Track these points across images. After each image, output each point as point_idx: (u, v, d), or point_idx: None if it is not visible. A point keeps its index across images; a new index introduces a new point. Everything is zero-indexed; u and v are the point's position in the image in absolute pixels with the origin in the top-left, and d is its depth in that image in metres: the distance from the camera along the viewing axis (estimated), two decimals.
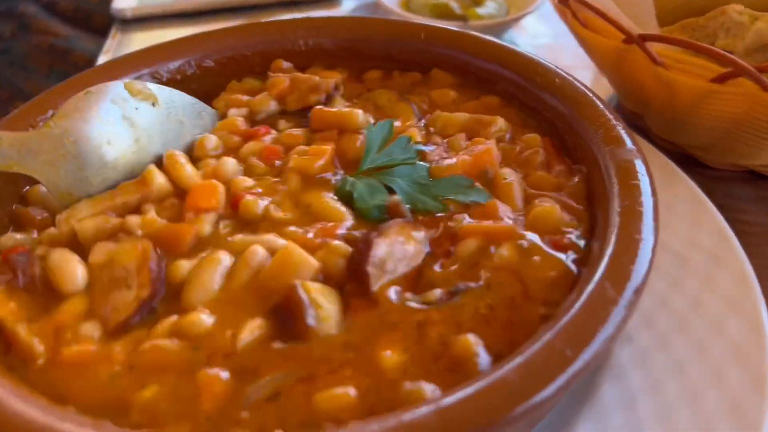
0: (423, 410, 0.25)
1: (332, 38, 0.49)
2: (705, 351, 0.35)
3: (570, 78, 0.41)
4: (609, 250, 0.31)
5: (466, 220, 0.36)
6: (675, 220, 0.42)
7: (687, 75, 0.42)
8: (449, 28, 0.50)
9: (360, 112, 0.42)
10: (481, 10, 0.66)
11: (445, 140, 0.42)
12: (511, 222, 0.36)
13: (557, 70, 0.42)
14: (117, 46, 0.75)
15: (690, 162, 0.52)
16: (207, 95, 0.45)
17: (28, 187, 0.40)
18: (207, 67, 0.48)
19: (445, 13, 0.66)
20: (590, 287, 0.29)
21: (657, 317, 0.37)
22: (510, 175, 0.38)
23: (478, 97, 0.46)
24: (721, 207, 0.49)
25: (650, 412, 0.32)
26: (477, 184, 0.38)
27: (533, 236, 0.34)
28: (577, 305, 0.28)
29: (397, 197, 0.37)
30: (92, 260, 0.33)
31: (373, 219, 0.36)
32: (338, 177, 0.39)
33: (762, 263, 0.41)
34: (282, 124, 0.44)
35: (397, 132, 0.41)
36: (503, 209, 0.36)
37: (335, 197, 0.37)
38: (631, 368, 0.34)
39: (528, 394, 0.25)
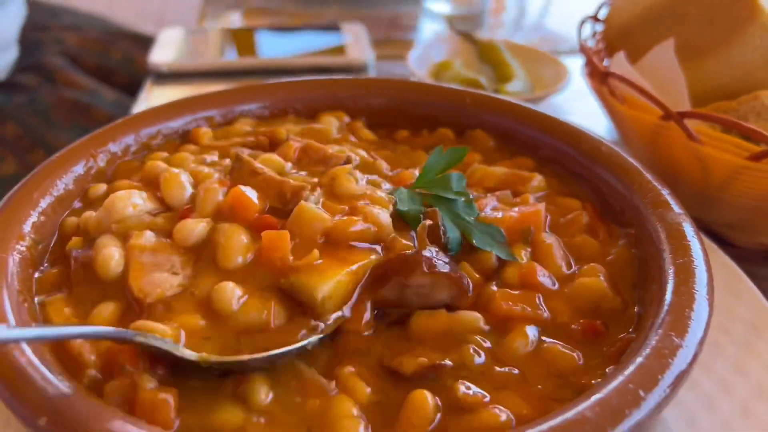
0: None
1: (381, 97, 0.51)
2: (748, 413, 0.35)
3: (616, 147, 0.43)
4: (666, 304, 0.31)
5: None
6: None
7: (722, 152, 0.44)
8: (492, 95, 0.52)
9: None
10: (510, 87, 0.70)
11: (495, 194, 0.43)
12: (552, 287, 0.36)
13: (603, 139, 0.44)
14: (150, 97, 0.77)
15: (715, 240, 0.54)
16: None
17: None
18: (262, 115, 0.49)
19: (475, 87, 0.69)
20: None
21: (701, 380, 0.38)
22: (549, 238, 0.39)
23: (511, 158, 0.48)
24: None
25: None
26: (513, 246, 0.39)
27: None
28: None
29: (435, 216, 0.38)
30: None
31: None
32: None
33: None
34: None
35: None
36: (541, 273, 0.37)
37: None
38: (682, 425, 0.34)
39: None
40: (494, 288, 0.36)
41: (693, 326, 0.30)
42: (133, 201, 0.38)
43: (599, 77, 0.52)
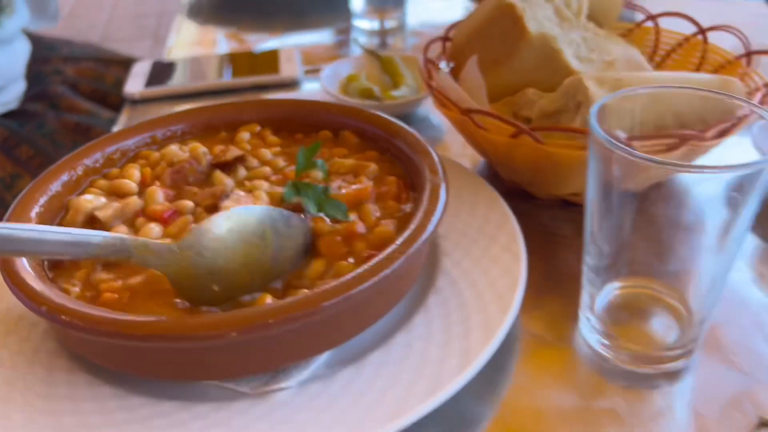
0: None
1: (274, 113, 0.73)
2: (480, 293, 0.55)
3: (420, 137, 0.64)
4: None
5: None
6: (485, 224, 0.63)
7: (497, 135, 0.65)
8: (350, 105, 0.73)
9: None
10: (395, 93, 0.90)
11: (345, 177, 0.64)
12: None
13: (415, 132, 0.65)
14: (128, 120, 0.99)
15: (525, 194, 0.74)
16: None
17: None
18: (188, 132, 0.71)
19: (369, 95, 0.90)
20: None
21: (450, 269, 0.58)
22: (371, 205, 0.60)
23: (364, 152, 0.68)
24: (545, 225, 0.71)
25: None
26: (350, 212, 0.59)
27: None
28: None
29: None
30: None
31: None
32: None
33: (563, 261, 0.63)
34: None
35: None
36: (360, 226, 0.57)
37: None
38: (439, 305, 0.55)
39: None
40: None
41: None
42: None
43: (429, 88, 0.72)
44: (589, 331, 0.56)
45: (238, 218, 0.52)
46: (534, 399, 0.51)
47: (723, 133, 0.56)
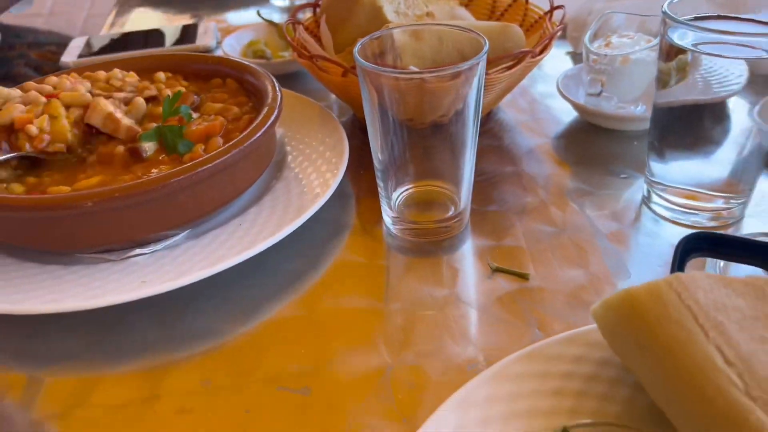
0: None
1: (178, 64, 0.89)
2: (303, 192, 0.72)
3: (266, 74, 0.80)
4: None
5: None
6: (321, 144, 0.80)
7: (332, 75, 0.81)
8: (233, 59, 0.90)
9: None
10: (283, 53, 1.07)
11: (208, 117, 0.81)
12: None
13: (261, 70, 0.81)
14: None
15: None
16: None
17: None
18: None
19: (261, 56, 1.07)
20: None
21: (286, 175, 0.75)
22: (219, 139, 0.76)
23: (236, 96, 0.84)
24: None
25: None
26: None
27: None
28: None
29: None
30: None
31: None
32: None
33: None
34: None
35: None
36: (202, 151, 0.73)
37: None
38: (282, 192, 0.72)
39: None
40: None
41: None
42: None
43: (290, 43, 0.89)
44: (387, 215, 0.72)
45: None
46: (342, 263, 0.68)
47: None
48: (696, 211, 0.67)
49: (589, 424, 0.40)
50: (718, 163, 0.64)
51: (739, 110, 0.61)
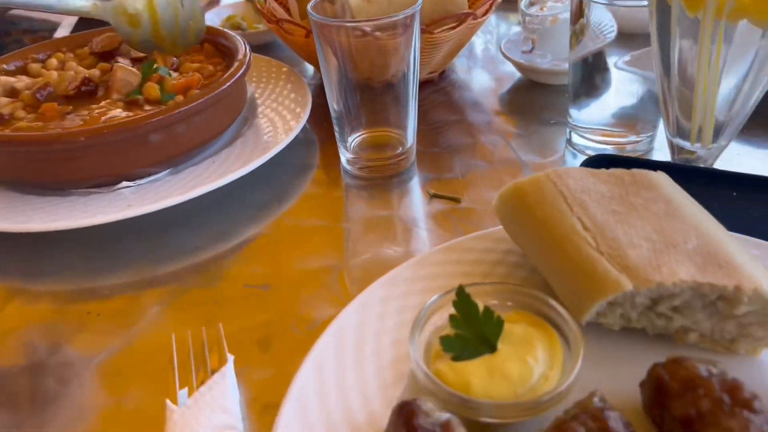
0: None
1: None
2: (271, 139, 0.82)
3: (237, 38, 0.90)
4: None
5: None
6: (287, 98, 0.90)
7: (297, 37, 0.92)
8: (215, 27, 1.00)
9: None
10: (258, 25, 1.17)
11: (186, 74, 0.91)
12: None
13: (234, 35, 0.91)
14: None
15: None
16: None
17: None
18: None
19: (237, 27, 1.17)
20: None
21: (257, 123, 0.85)
22: (196, 92, 0.86)
23: (212, 58, 0.95)
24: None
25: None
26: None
27: None
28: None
29: None
30: None
31: None
32: None
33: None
34: None
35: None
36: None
37: None
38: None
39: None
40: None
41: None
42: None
43: (260, 11, 0.99)
44: (344, 157, 0.83)
45: None
46: (306, 195, 0.79)
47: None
48: (606, 146, 0.78)
49: (480, 284, 0.51)
50: (618, 107, 0.76)
51: (613, 61, 0.72)
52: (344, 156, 0.83)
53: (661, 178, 0.54)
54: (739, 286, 0.45)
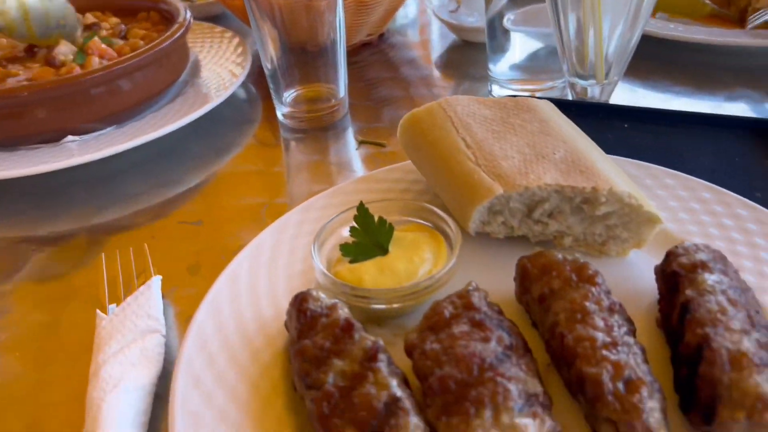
0: None
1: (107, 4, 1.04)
2: (211, 94, 0.88)
3: (181, 5, 0.95)
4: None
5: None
6: (229, 61, 0.96)
7: (239, 1, 0.97)
8: None
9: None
10: None
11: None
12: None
13: (177, 3, 0.96)
14: None
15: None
16: None
17: None
18: None
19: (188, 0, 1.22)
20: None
21: (198, 80, 0.90)
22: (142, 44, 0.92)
23: (156, 25, 1.00)
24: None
25: None
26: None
27: None
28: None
29: None
30: None
31: None
32: None
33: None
34: None
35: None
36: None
37: None
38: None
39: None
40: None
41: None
42: None
43: None
44: (280, 111, 0.88)
45: None
46: (246, 146, 0.84)
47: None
48: (522, 93, 0.84)
49: (379, 201, 0.56)
50: (522, 60, 0.82)
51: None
52: (280, 111, 0.88)
53: (541, 103, 0.60)
54: (596, 187, 0.51)
